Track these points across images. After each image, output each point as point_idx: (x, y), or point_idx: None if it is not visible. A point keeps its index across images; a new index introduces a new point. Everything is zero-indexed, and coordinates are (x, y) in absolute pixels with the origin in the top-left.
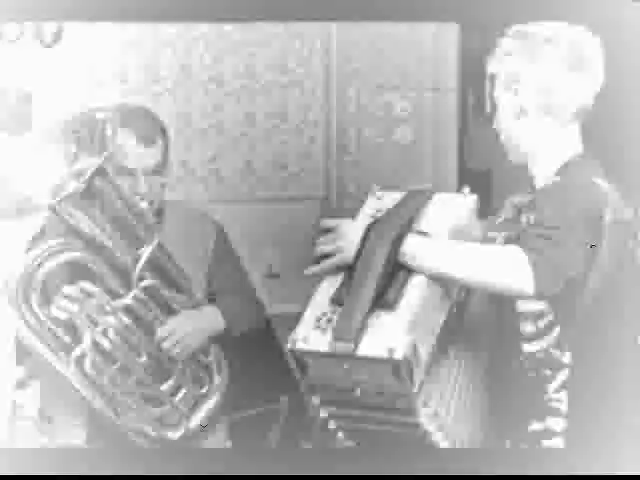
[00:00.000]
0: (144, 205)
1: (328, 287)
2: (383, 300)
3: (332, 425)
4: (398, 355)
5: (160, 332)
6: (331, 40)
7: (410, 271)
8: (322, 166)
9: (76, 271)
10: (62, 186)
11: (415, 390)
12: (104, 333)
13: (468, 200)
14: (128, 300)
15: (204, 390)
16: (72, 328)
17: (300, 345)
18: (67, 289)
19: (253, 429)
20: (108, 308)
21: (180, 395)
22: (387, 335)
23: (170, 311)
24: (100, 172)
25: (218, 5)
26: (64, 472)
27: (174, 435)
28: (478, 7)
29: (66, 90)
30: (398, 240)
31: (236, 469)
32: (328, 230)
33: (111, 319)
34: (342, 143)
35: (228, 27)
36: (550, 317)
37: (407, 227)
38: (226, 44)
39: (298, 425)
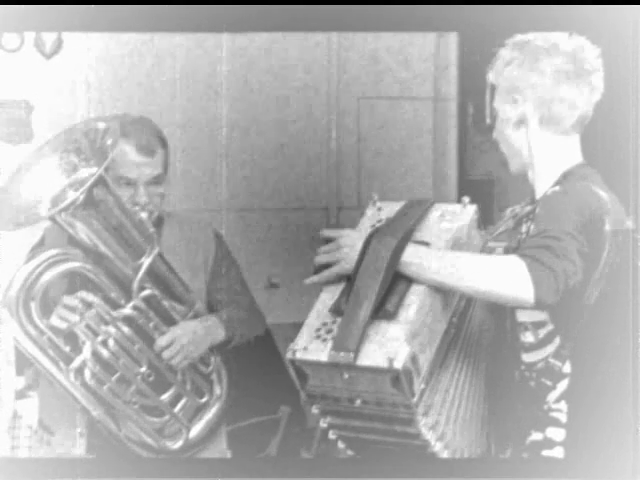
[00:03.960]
0: (144, 215)
1: (328, 297)
2: (383, 310)
3: (332, 435)
4: (398, 365)
5: (160, 342)
6: (332, 50)
7: (410, 281)
8: (322, 176)
9: (76, 281)
10: (62, 196)
11: (415, 400)
12: (104, 343)
13: (468, 210)
14: (128, 310)
15: (204, 400)
16: (72, 338)
17: (300, 355)
18: (67, 299)
19: (253, 439)
20: (108, 318)
21: (180, 405)
22: (387, 345)
23: (170, 321)
24: (100, 182)
25: (218, 15)
26: None
27: (174, 445)
28: (478, 17)
29: (66, 100)
30: (398, 250)
31: (236, 479)
32: (328, 240)
33: (111, 329)
34: (342, 153)
35: (228, 37)
36: (550, 327)
37: (407, 237)
38: (226, 54)
39: (298, 435)
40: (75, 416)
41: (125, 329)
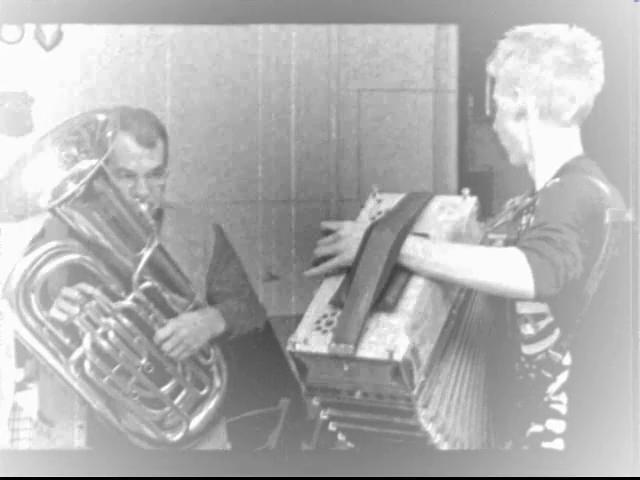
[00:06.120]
0: (144, 207)
1: (328, 289)
2: (383, 302)
3: (332, 427)
4: (398, 357)
5: (160, 334)
6: (332, 42)
7: (410, 273)
8: (322, 168)
9: (76, 273)
10: (62, 188)
11: (415, 392)
12: (104, 335)
13: (468, 202)
14: (128, 302)
15: (204, 392)
16: (72, 330)
17: (300, 347)
18: (67, 291)
19: (253, 431)
20: (108, 310)
21: (180, 397)
22: (387, 337)
23: (170, 313)
24: (100, 174)
25: (218, 7)
26: (64, 474)
27: (174, 437)
28: (478, 9)
29: (66, 92)
30: (398, 242)
31: (236, 471)
32: (328, 232)
33: (111, 321)
34: (342, 145)
35: (228, 29)
36: (550, 319)
37: (407, 229)
38: (226, 46)
39: (298, 427)
40: (75, 408)
41: (125, 321)
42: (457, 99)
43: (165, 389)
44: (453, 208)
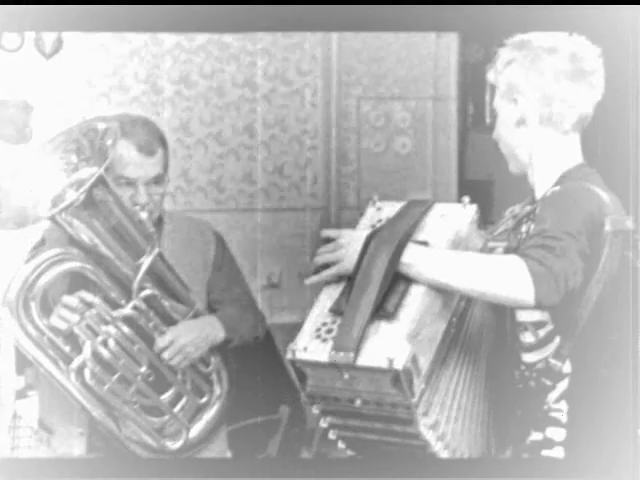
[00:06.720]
0: (144, 215)
1: (328, 297)
2: (383, 310)
3: (332, 435)
4: (398, 365)
5: (160, 342)
6: (331, 50)
7: (410, 281)
8: (322, 176)
9: (76, 281)
10: (62, 196)
11: (415, 400)
12: (104, 343)
13: (468, 210)
14: (128, 310)
15: (204, 400)
16: (72, 338)
17: (300, 355)
18: (67, 299)
19: (253, 439)
20: (108, 318)
21: (180, 405)
22: (387, 345)
23: (170, 321)
24: (100, 182)
25: (218, 15)
26: None
27: (174, 445)
28: (478, 17)
29: (66, 100)
30: (398, 250)
31: (236, 479)
32: (328, 240)
33: (111, 329)
34: (342, 153)
35: (228, 37)
36: (550, 327)
37: (407, 237)
38: (226, 54)
39: (298, 435)
40: (75, 416)
41: (125, 329)
42: (457, 107)
43: (165, 397)
44: (453, 216)
